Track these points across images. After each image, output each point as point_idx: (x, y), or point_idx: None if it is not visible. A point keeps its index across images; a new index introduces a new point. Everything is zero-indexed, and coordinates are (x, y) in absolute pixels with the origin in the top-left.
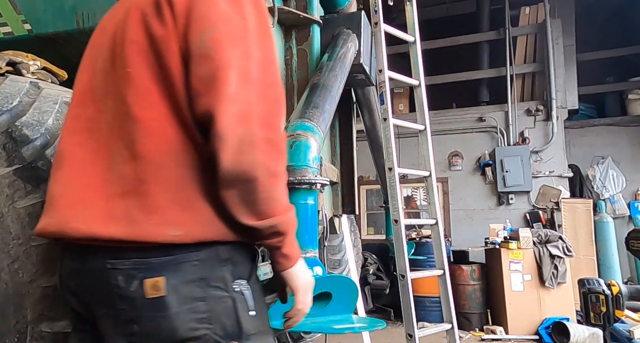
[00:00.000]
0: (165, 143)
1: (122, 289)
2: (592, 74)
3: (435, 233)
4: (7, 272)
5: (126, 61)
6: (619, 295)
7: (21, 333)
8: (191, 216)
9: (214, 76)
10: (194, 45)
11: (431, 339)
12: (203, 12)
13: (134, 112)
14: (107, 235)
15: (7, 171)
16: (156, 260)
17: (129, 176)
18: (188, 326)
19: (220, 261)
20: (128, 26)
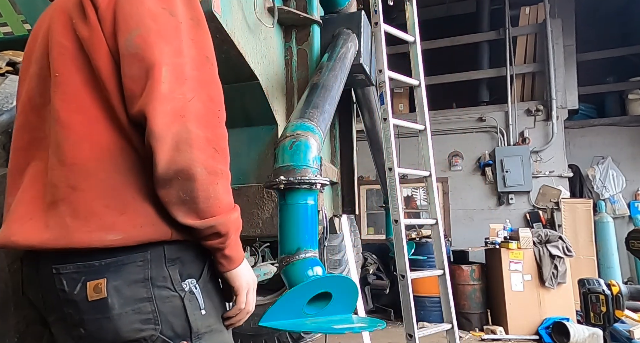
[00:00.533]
0: (96, 148)
1: (67, 293)
2: (592, 74)
3: (435, 233)
4: (7, 272)
5: (54, 65)
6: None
7: (21, 333)
8: (129, 219)
9: (145, 75)
10: (122, 45)
11: (431, 339)
12: (128, 11)
13: (62, 118)
14: (41, 244)
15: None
16: (99, 262)
17: (59, 183)
18: (132, 327)
19: (167, 261)
20: (54, 30)
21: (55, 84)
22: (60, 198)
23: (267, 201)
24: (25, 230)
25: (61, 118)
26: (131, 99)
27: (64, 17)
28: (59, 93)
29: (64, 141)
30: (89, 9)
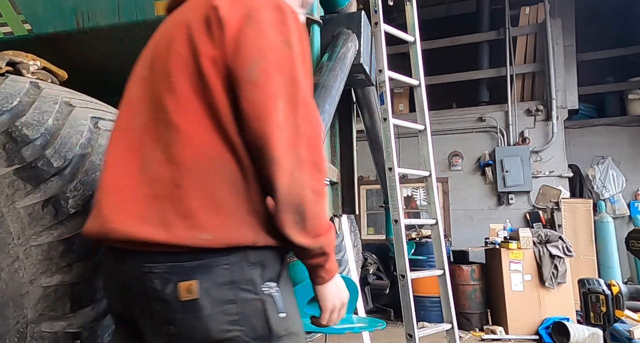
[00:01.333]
0: (201, 151)
1: (158, 292)
2: (592, 74)
3: (435, 233)
4: (7, 272)
5: (170, 71)
6: (619, 295)
7: (21, 333)
8: (221, 221)
9: (265, 103)
10: (244, 72)
11: (431, 339)
12: (253, 42)
13: (173, 119)
14: (143, 237)
15: (7, 171)
16: (188, 264)
17: (164, 179)
18: (220, 328)
19: (249, 265)
20: (175, 39)
21: (169, 88)
22: (163, 194)
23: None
24: (121, 220)
25: (172, 119)
26: (247, 121)
27: (183, 28)
28: (172, 96)
29: (172, 141)
30: (215, 28)
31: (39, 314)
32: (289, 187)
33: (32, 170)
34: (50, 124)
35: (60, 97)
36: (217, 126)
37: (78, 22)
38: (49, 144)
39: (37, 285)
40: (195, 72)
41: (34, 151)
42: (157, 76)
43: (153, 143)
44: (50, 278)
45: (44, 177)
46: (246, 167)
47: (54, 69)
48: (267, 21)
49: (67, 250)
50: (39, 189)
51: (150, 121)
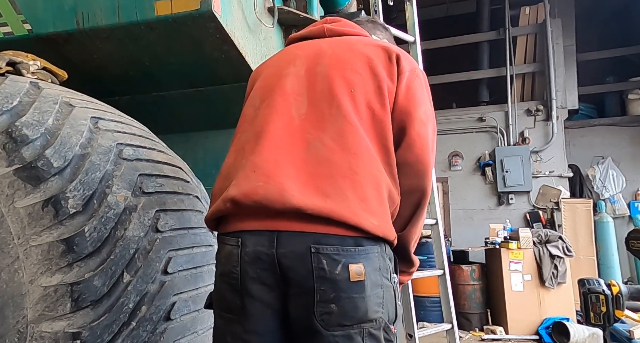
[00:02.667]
0: (369, 150)
1: (326, 271)
2: (592, 74)
3: (435, 233)
4: (7, 272)
5: (351, 84)
6: (619, 295)
7: (21, 333)
8: (383, 212)
9: (427, 138)
10: (417, 110)
11: (431, 339)
12: (419, 91)
13: (350, 118)
14: (324, 211)
15: (7, 171)
16: (354, 248)
17: (339, 163)
18: (374, 308)
19: (387, 256)
20: (354, 61)
21: (349, 96)
22: (342, 175)
23: None
24: (298, 191)
25: (349, 119)
26: (411, 146)
27: (363, 56)
28: (349, 102)
29: (349, 134)
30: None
31: (39, 314)
32: (425, 212)
33: (32, 170)
34: (50, 124)
35: (60, 97)
36: (380, 141)
37: (78, 22)
38: (49, 144)
39: (37, 285)
40: (374, 92)
41: (34, 151)
42: (327, 81)
43: (319, 132)
44: (50, 278)
45: (44, 177)
46: (394, 177)
47: (54, 69)
48: (424, 81)
49: (67, 250)
50: (39, 189)
51: (316, 114)
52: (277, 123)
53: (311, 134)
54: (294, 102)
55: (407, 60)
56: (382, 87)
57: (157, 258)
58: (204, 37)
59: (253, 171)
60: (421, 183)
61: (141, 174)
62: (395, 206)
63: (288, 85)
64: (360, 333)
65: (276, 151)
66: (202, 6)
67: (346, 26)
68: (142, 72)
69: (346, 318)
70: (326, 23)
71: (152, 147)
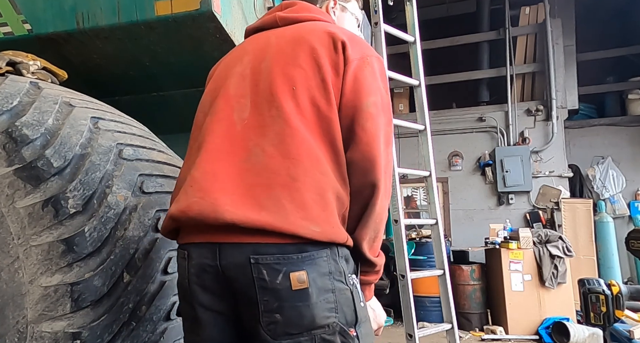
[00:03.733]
0: (313, 153)
1: (267, 282)
2: (592, 74)
3: (435, 233)
4: (7, 272)
5: (292, 80)
6: (619, 295)
7: (21, 333)
8: (327, 217)
9: (375, 134)
10: (364, 103)
11: (431, 339)
12: (369, 79)
13: (291, 121)
14: (259, 223)
15: (7, 171)
16: (296, 256)
17: (278, 171)
18: (323, 314)
19: (340, 258)
20: (298, 54)
21: (290, 95)
22: (280, 184)
23: None
24: (234, 204)
25: (290, 121)
26: (357, 144)
27: (307, 47)
28: (291, 102)
29: (289, 138)
30: (340, 60)
31: (39, 314)
32: (380, 208)
33: (32, 170)
34: (50, 124)
35: (60, 97)
36: (329, 140)
37: (78, 22)
38: (49, 144)
39: (37, 285)
40: (319, 87)
41: (34, 151)
42: (269, 79)
43: (260, 138)
44: (50, 278)
45: (44, 177)
46: (345, 180)
47: (54, 69)
48: (376, 68)
49: (67, 250)
50: (39, 189)
51: (257, 118)
52: (218, 131)
53: (252, 140)
54: (236, 106)
55: (356, 46)
56: (327, 81)
57: (157, 258)
58: (204, 37)
59: (190, 185)
60: (368, 180)
61: (141, 174)
62: (345, 208)
63: (232, 87)
64: (311, 340)
65: (215, 163)
66: (202, 6)
67: (301, 11)
68: (142, 72)
69: (292, 327)
70: (280, 10)
71: (152, 147)
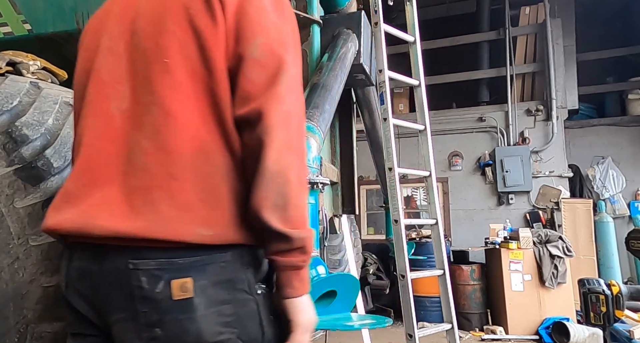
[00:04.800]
0: (197, 140)
1: (146, 290)
2: (592, 74)
3: (435, 233)
4: (7, 272)
5: (163, 51)
6: (619, 295)
7: (21, 333)
8: (221, 217)
9: (267, 80)
10: (247, 49)
11: (431, 339)
12: (255, 18)
13: (167, 105)
14: (133, 233)
15: (7, 171)
16: (182, 260)
17: (155, 170)
18: (213, 329)
19: (244, 264)
20: (168, 18)
21: (162, 71)
22: (155, 185)
23: None
24: (107, 215)
25: (166, 105)
26: (245, 100)
27: (177, 7)
28: (166, 80)
29: (164, 128)
30: (216, 5)
31: (39, 314)
32: (276, 162)
33: (32, 170)
34: (50, 124)
35: (60, 97)
36: (217, 117)
37: (78, 22)
38: (49, 144)
39: (37, 285)
40: (197, 55)
41: (34, 151)
42: (140, 54)
43: (137, 132)
44: (50, 278)
45: (44, 177)
46: (240, 162)
47: (54, 69)
48: (271, 3)
49: None
50: (39, 189)
51: (135, 106)
52: (95, 130)
53: (132, 136)
54: (112, 94)
55: None
56: (204, 45)
57: None
58: None
59: (65, 201)
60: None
61: None
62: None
63: (104, 69)
64: None
65: (93, 172)
66: None
67: None
68: None
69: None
70: None
71: None
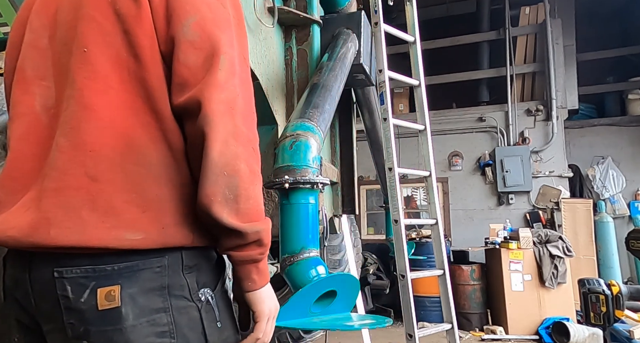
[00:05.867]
0: (122, 136)
1: (71, 300)
2: (592, 74)
3: (435, 233)
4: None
5: (82, 40)
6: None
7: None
8: (151, 219)
9: (203, 63)
10: (178, 31)
11: (431, 339)
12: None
13: (86, 98)
14: (51, 243)
15: None
16: (111, 267)
17: (72, 170)
18: (146, 341)
19: (184, 268)
20: (86, 3)
21: (81, 61)
22: (73, 187)
23: (267, 201)
24: (22, 224)
25: (84, 98)
26: (182, 86)
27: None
28: (84, 71)
29: (84, 124)
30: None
31: None
32: (221, 155)
33: None
34: None
35: None
36: (149, 108)
37: None
38: None
39: None
40: (121, 41)
41: None
42: (62, 46)
43: (62, 129)
44: None
45: None
46: (179, 155)
47: None
48: None
49: None
50: None
51: (59, 104)
52: (20, 131)
53: (53, 134)
54: (37, 91)
55: None
56: (129, 30)
57: None
58: None
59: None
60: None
61: None
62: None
63: (28, 64)
64: None
65: (15, 177)
66: None
67: None
68: None
69: None
70: None
71: None
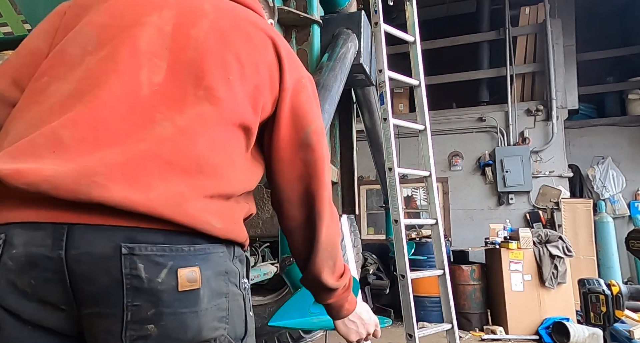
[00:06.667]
0: (229, 150)
1: (144, 280)
2: (592, 74)
3: (435, 233)
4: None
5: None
6: (619, 295)
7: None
8: (230, 213)
9: (318, 167)
10: (301, 134)
11: (431, 339)
12: (306, 107)
13: (221, 110)
14: (143, 207)
15: None
16: (187, 247)
17: (188, 154)
18: (212, 325)
19: (234, 257)
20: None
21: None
22: (182, 168)
23: (267, 202)
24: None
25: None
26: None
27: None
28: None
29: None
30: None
31: None
32: (327, 236)
33: None
34: None
35: None
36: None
37: None
38: None
39: None
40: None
41: None
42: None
43: (175, 113)
44: None
45: None
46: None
47: None
48: (311, 91)
49: None
50: None
51: (175, 90)
52: (115, 88)
53: (162, 113)
54: (147, 64)
55: (293, 64)
56: (260, 90)
57: None
58: None
59: (53, 151)
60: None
61: None
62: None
63: (144, 39)
64: None
65: (100, 126)
66: None
67: None
68: None
69: (170, 341)
70: None
71: None
